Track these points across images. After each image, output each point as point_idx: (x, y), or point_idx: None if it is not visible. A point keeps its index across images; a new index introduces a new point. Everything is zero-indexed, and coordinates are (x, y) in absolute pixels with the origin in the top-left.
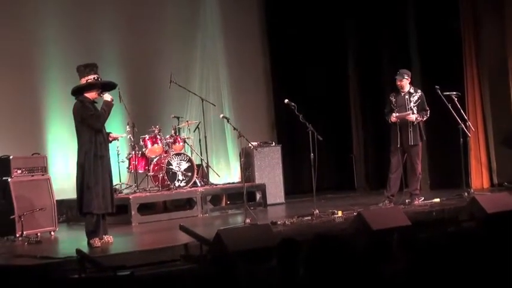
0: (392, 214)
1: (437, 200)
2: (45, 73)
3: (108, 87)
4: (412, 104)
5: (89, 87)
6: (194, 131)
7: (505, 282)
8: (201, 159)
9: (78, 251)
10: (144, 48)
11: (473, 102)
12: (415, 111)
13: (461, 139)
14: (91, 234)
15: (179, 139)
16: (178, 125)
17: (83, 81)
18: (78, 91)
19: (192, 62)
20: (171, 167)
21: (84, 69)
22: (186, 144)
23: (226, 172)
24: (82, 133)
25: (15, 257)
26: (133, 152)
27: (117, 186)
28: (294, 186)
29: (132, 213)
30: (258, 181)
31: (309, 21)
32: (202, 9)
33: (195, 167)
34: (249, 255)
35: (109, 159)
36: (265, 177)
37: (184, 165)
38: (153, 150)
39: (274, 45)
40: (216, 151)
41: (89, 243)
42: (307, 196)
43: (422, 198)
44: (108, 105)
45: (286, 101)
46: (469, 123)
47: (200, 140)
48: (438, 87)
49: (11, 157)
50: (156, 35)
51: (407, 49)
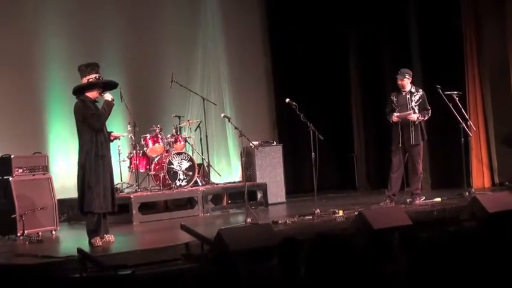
0: (394, 213)
1: (439, 199)
2: (46, 72)
3: (109, 86)
4: (413, 103)
5: (90, 86)
6: (195, 130)
7: (506, 282)
8: (202, 159)
9: (79, 250)
10: (145, 48)
11: (475, 102)
12: (417, 111)
13: (463, 138)
14: (92, 233)
15: (180, 138)
16: (179, 124)
17: (84, 80)
18: (79, 90)
19: (193, 61)
20: (172, 166)
21: (86, 68)
22: (187, 143)
23: (227, 171)
24: (83, 133)
25: (17, 256)
26: (134, 151)
27: (118, 186)
28: (295, 185)
29: (133, 212)
30: (259, 180)
31: (310, 20)
32: (203, 8)
33: (196, 166)
34: (250, 255)
35: (110, 158)
36: (267, 177)
37: (186, 165)
38: (154, 149)
39: (275, 45)
40: (217, 150)
41: (90, 243)
42: (308, 195)
43: (424, 197)
44: (109, 105)
45: (287, 100)
46: (470, 123)
47: (201, 139)
48: (439, 86)
49: (12, 156)
50: (157, 34)
51: (408, 48)
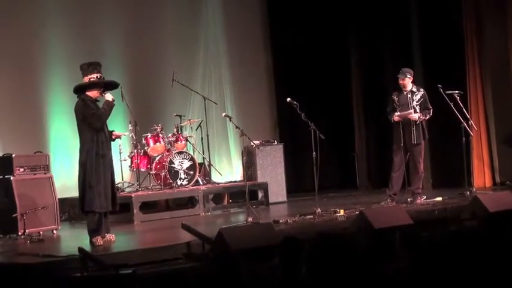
0: (395, 213)
1: (440, 198)
2: (47, 72)
3: (110, 86)
4: (414, 102)
5: (91, 86)
6: (196, 130)
7: (507, 282)
8: (203, 158)
9: (81, 250)
10: (146, 47)
11: (476, 101)
12: (418, 110)
13: (464, 138)
14: (93, 232)
15: (181, 137)
16: (180, 123)
17: (86, 79)
18: (80, 89)
19: (194, 60)
20: (173, 165)
21: (88, 67)
22: (188, 142)
23: (228, 171)
24: (84, 132)
25: (18, 256)
26: (135, 150)
27: (119, 185)
28: (296, 184)
29: (134, 211)
30: (260, 180)
31: (311, 19)
32: (204, 8)
33: (197, 165)
34: (251, 254)
35: (111, 157)
36: (268, 176)
37: (187, 164)
38: (155, 148)
39: (276, 44)
40: (218, 149)
41: (91, 242)
42: (309, 195)
43: (425, 197)
44: (109, 105)
45: (288, 99)
46: (471, 122)
47: (202, 138)
48: (440, 86)
49: (13, 155)
50: (158, 34)
51: (409, 47)
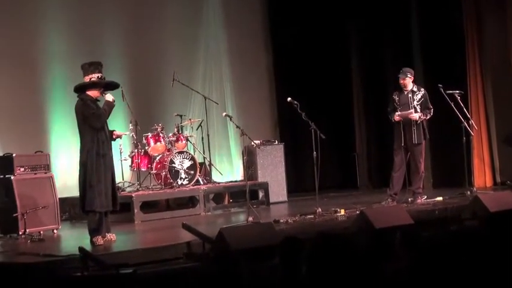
0: (395, 212)
1: (440, 198)
2: (47, 72)
3: (110, 87)
4: (415, 102)
5: (92, 85)
6: (197, 129)
7: (507, 281)
8: (204, 158)
9: (81, 249)
10: (147, 47)
11: (476, 101)
12: (418, 110)
13: (464, 138)
14: (94, 232)
15: (182, 137)
16: (181, 123)
17: (87, 79)
18: (80, 89)
19: (195, 60)
20: (173, 165)
21: (89, 67)
22: (188, 142)
23: (228, 170)
24: (84, 131)
25: (18, 255)
26: (136, 150)
27: (119, 185)
28: (296, 184)
29: (135, 211)
30: (260, 179)
31: (312, 18)
32: (204, 7)
33: (198, 165)
34: (251, 254)
35: (111, 157)
36: (268, 176)
37: (187, 164)
38: (155, 148)
39: (277, 43)
40: (219, 149)
41: (91, 241)
42: (309, 194)
43: (425, 196)
44: (109, 105)
45: (289, 99)
46: (472, 122)
47: (203, 138)
48: (441, 85)
49: (14, 155)
50: (158, 33)
51: (410, 47)
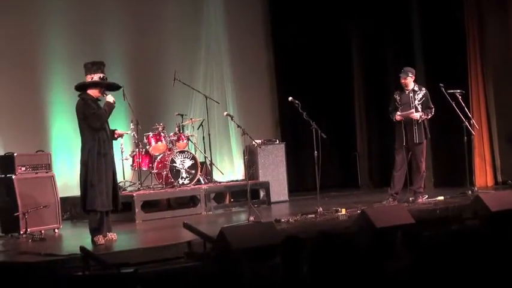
0: (396, 212)
1: (441, 198)
2: (48, 71)
3: (112, 88)
4: (416, 102)
5: (93, 85)
6: (198, 129)
7: (508, 281)
8: (205, 157)
9: (82, 249)
10: (148, 46)
11: (478, 100)
12: (420, 109)
13: (465, 137)
14: (95, 231)
15: (183, 137)
16: (182, 122)
17: (88, 78)
18: (81, 87)
19: (196, 59)
20: (174, 164)
21: (91, 66)
22: (189, 141)
23: (230, 170)
24: (85, 131)
25: (19, 254)
26: (137, 149)
27: (120, 184)
28: (297, 184)
29: (136, 210)
30: (261, 179)
31: (313, 18)
32: (205, 6)
33: (199, 164)
34: (252, 253)
35: (112, 156)
36: (269, 175)
37: (188, 163)
38: (156, 147)
39: (278, 42)
40: (220, 149)
41: (92, 241)
42: (310, 194)
43: (426, 196)
44: (110, 107)
45: (290, 98)
46: (473, 121)
47: (204, 137)
48: (442, 85)
49: (15, 154)
50: (159, 32)
51: (411, 46)
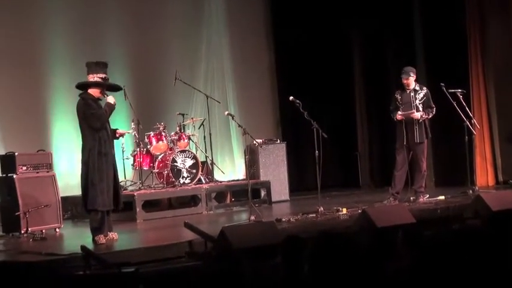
0: (397, 211)
1: (442, 197)
2: (49, 70)
3: (113, 89)
4: (417, 101)
5: (95, 85)
6: (199, 128)
7: (509, 281)
8: (206, 156)
9: (83, 248)
10: (149, 45)
11: (479, 100)
12: (421, 109)
13: (466, 136)
14: (96, 231)
15: (184, 136)
16: (183, 122)
17: (91, 77)
18: (83, 86)
19: (197, 58)
20: (175, 164)
21: (95, 66)
22: (190, 141)
23: (231, 169)
24: (86, 131)
25: (20, 254)
26: (138, 149)
27: (122, 183)
28: (298, 183)
29: (137, 210)
30: (262, 178)
31: (314, 17)
32: (206, 5)
33: (200, 164)
34: (253, 252)
35: (114, 156)
36: (270, 175)
37: (189, 162)
38: (157, 147)
39: (279, 42)
40: (221, 148)
41: (93, 240)
42: (311, 193)
43: (427, 195)
44: (110, 107)
45: (291, 98)
46: (474, 121)
47: (205, 137)
48: (443, 84)
49: (16, 154)
50: (160, 31)
51: (412, 46)
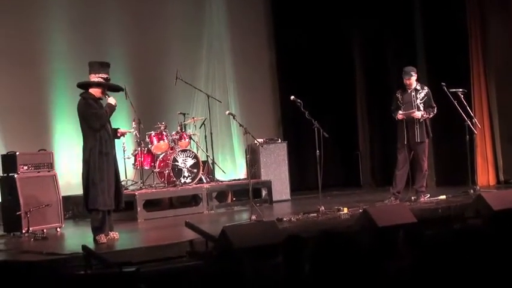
0: (398, 211)
1: (443, 197)
2: (51, 70)
3: (114, 89)
4: (418, 100)
5: (96, 85)
6: (200, 128)
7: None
8: (207, 156)
9: (84, 247)
10: (150, 45)
11: (480, 99)
12: (422, 108)
13: (468, 136)
14: (97, 230)
15: (185, 136)
16: (184, 121)
17: (93, 77)
18: (84, 86)
19: (198, 58)
20: (176, 163)
21: (98, 66)
22: (191, 140)
23: (232, 169)
24: (86, 130)
25: (21, 253)
26: (139, 148)
27: (123, 183)
28: (299, 183)
29: (138, 209)
30: (263, 178)
31: (315, 18)
32: (207, 6)
33: (201, 163)
34: (254, 252)
35: (115, 155)
36: (271, 174)
37: (190, 162)
38: (159, 146)
39: (280, 42)
40: (222, 148)
41: (94, 240)
42: (312, 193)
43: (428, 195)
44: (111, 108)
45: (292, 97)
46: (475, 120)
47: (206, 136)
48: (444, 84)
49: (17, 153)
50: (162, 32)
51: (413, 45)
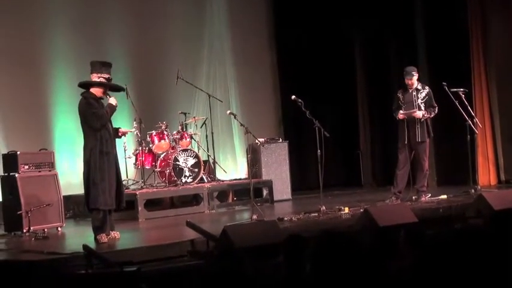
0: (399, 211)
1: (444, 196)
2: (52, 70)
3: (115, 89)
4: (419, 100)
5: (97, 84)
6: (201, 127)
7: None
8: (208, 155)
9: (85, 247)
10: (151, 45)
11: (481, 99)
12: (423, 108)
13: (469, 136)
14: (98, 230)
15: (186, 135)
16: (185, 121)
17: (94, 77)
18: (85, 85)
19: (199, 58)
20: (177, 163)
21: (99, 66)
22: (193, 140)
23: (233, 168)
24: (87, 130)
25: (22, 253)
26: (140, 148)
27: (124, 182)
28: (300, 182)
29: (139, 209)
30: (264, 177)
31: (316, 18)
32: (208, 6)
33: (202, 163)
34: (255, 252)
35: (116, 155)
36: (272, 174)
37: (191, 161)
38: (160, 146)
39: (281, 42)
40: (223, 147)
41: (95, 239)
42: (313, 192)
43: (429, 194)
44: (112, 109)
45: (293, 97)
46: (476, 120)
47: (207, 136)
48: (445, 83)
49: (18, 153)
50: (163, 31)
51: (414, 45)
